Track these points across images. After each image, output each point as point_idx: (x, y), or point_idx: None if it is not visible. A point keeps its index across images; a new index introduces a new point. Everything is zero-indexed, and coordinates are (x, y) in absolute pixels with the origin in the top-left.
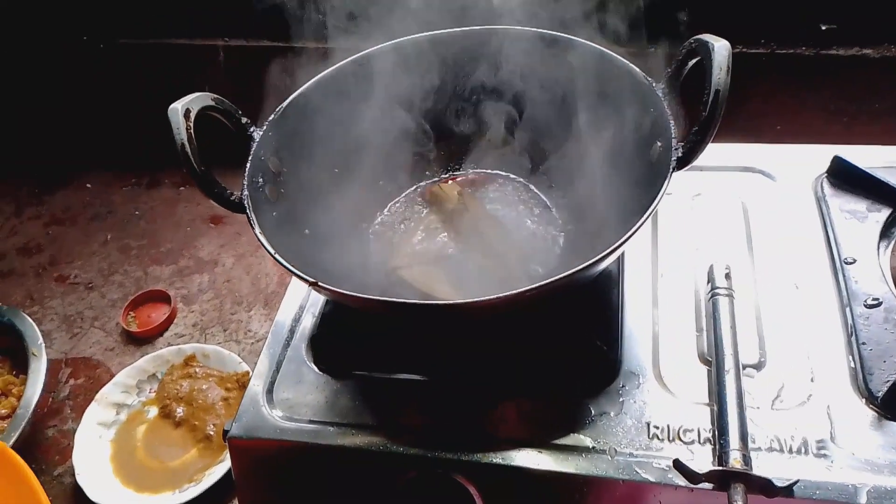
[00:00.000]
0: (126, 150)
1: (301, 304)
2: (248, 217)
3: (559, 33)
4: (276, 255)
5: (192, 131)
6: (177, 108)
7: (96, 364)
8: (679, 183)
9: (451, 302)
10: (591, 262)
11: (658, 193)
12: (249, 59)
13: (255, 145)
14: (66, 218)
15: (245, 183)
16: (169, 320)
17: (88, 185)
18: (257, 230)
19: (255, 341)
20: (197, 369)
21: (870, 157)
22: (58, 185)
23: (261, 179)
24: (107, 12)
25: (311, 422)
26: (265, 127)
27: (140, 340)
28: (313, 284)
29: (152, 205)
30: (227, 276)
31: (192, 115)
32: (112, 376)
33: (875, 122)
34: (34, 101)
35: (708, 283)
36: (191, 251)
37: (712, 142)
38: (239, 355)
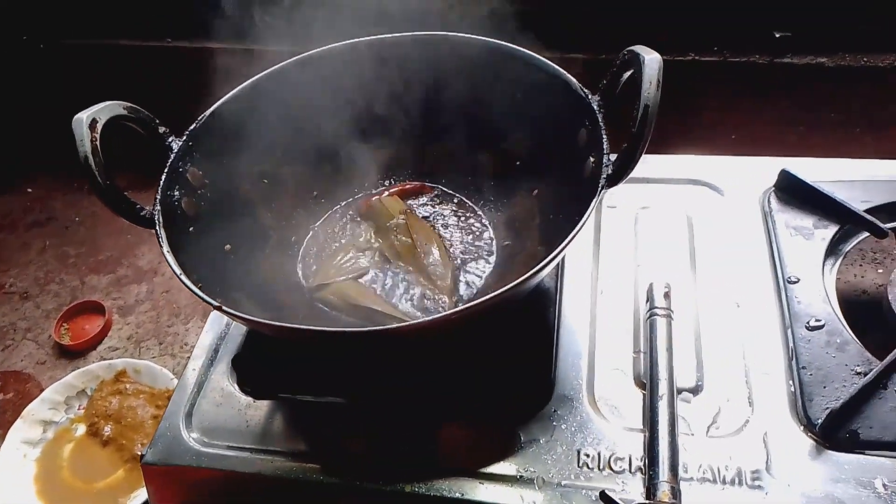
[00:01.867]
0: (70, 154)
1: (227, 321)
2: (157, 234)
3: (499, 41)
4: (182, 276)
5: (97, 143)
6: (81, 118)
7: (27, 378)
8: (625, 195)
9: (364, 329)
10: (512, 285)
11: (585, 213)
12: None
13: (172, 156)
14: (4, 224)
15: (158, 197)
16: (103, 332)
17: (29, 190)
18: (165, 248)
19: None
20: (127, 385)
21: (819, 171)
22: None
23: (177, 192)
24: (46, 12)
25: (230, 447)
26: (185, 137)
27: (72, 353)
28: (218, 308)
29: (93, 210)
30: (165, 286)
31: (99, 126)
32: (42, 391)
33: (832, 132)
34: None
35: (647, 302)
36: (130, 259)
37: (663, 152)
38: (173, 370)
